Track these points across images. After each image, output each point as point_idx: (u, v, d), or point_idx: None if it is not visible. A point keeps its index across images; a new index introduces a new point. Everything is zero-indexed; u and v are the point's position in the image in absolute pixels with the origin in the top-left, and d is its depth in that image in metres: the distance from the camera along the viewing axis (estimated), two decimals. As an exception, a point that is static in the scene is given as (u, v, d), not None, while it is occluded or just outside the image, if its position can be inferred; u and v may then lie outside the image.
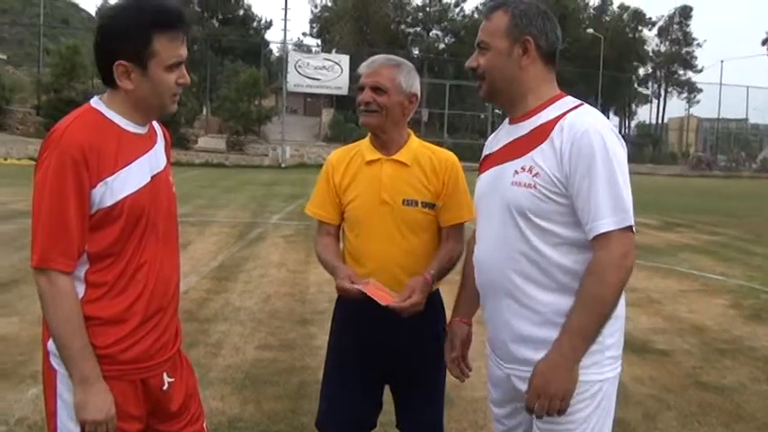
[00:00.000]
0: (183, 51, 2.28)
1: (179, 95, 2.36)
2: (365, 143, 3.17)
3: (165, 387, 2.42)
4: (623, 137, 2.43)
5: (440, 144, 3.32)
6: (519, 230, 2.36)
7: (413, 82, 3.07)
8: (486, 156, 2.64)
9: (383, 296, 2.84)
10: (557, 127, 2.33)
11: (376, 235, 3.03)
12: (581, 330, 2.26)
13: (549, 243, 2.33)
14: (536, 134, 2.38)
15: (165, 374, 2.42)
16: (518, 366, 2.43)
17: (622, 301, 2.36)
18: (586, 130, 2.27)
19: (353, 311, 3.08)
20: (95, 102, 2.32)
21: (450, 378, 3.24)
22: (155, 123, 2.48)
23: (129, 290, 2.28)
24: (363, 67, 3.08)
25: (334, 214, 3.17)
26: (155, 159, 2.38)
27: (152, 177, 2.34)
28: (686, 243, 14.29)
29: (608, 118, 2.51)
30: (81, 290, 2.24)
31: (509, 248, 2.39)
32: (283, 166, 43.61)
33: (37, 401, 4.74)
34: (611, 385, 2.40)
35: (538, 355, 2.34)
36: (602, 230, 2.23)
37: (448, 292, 3.13)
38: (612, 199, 2.24)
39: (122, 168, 2.24)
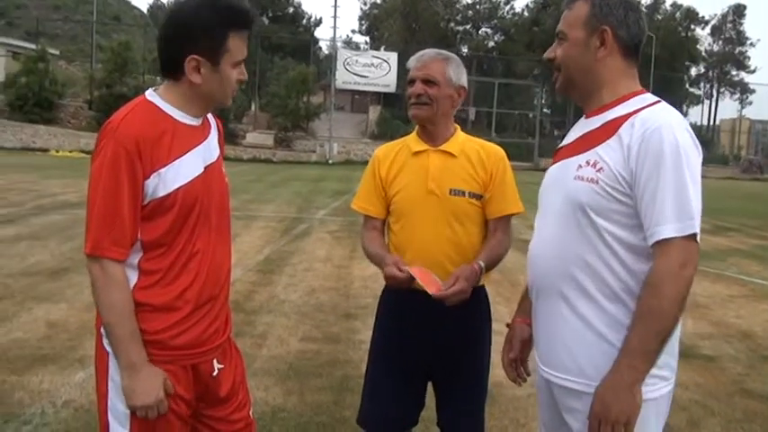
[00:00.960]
0: (246, 50, 2.37)
1: (236, 91, 2.44)
2: (411, 137, 3.19)
3: (214, 373, 2.47)
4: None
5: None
6: (577, 228, 2.25)
7: (461, 75, 3.11)
8: (559, 148, 2.53)
9: (431, 283, 2.83)
10: (627, 123, 2.20)
11: (423, 225, 3.04)
12: (639, 348, 2.09)
13: (607, 245, 2.20)
14: (605, 129, 2.26)
15: (215, 361, 2.47)
16: (556, 373, 2.33)
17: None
18: (659, 127, 2.14)
19: (397, 305, 3.11)
20: (150, 94, 2.36)
21: (492, 376, 3.24)
22: (209, 115, 2.53)
23: (182, 278, 2.33)
24: (413, 61, 3.11)
25: (380, 208, 3.19)
26: (208, 151, 2.43)
27: (205, 168, 2.38)
28: (735, 247, 14.07)
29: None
30: (134, 277, 2.29)
31: (565, 247, 2.28)
32: (330, 162, 43.85)
33: (84, 385, 4.87)
34: (653, 407, 2.22)
35: (578, 363, 2.26)
36: (663, 236, 2.09)
37: (493, 293, 3.13)
38: (678, 203, 2.10)
39: (175, 160, 2.28)
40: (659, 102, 2.29)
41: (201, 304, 2.38)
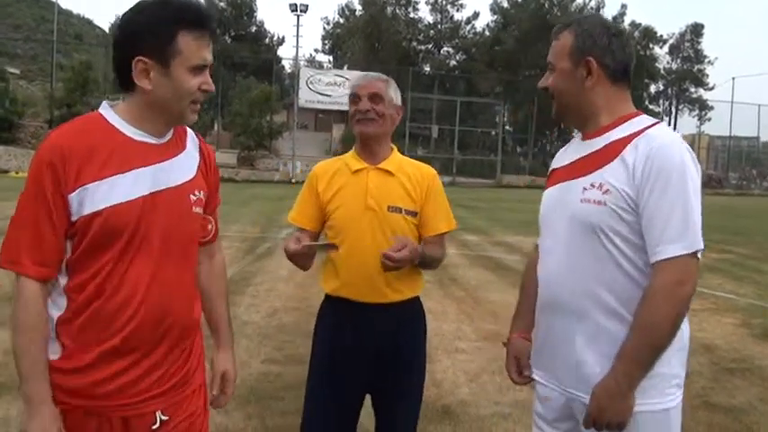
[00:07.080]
0: (209, 55, 2.15)
1: (200, 104, 2.20)
2: (350, 156, 3.28)
3: (155, 425, 2.22)
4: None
5: (449, 160, 3.38)
6: (591, 249, 2.26)
7: (398, 96, 3.28)
8: (553, 170, 2.57)
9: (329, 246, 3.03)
10: (630, 144, 2.24)
11: (362, 240, 3.10)
12: (633, 357, 2.15)
13: (620, 263, 2.23)
14: (608, 151, 2.29)
15: (158, 412, 2.22)
16: (580, 393, 2.31)
17: (687, 331, 2.27)
18: (664, 145, 2.19)
19: (335, 317, 3.27)
20: (103, 107, 2.20)
21: (456, 395, 3.21)
22: (192, 138, 2.35)
23: (106, 311, 2.11)
24: (356, 81, 3.27)
25: (314, 223, 3.28)
26: (164, 173, 2.18)
27: (153, 192, 2.14)
28: (697, 261, 14.13)
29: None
30: (63, 303, 2.13)
31: (582, 268, 2.30)
32: (293, 181, 43.66)
33: (41, 414, 4.72)
34: (675, 415, 2.28)
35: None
36: (669, 255, 2.12)
37: (456, 310, 3.10)
38: (684, 221, 2.14)
39: (109, 177, 2.08)
40: (658, 122, 2.33)
41: (135, 346, 2.14)
